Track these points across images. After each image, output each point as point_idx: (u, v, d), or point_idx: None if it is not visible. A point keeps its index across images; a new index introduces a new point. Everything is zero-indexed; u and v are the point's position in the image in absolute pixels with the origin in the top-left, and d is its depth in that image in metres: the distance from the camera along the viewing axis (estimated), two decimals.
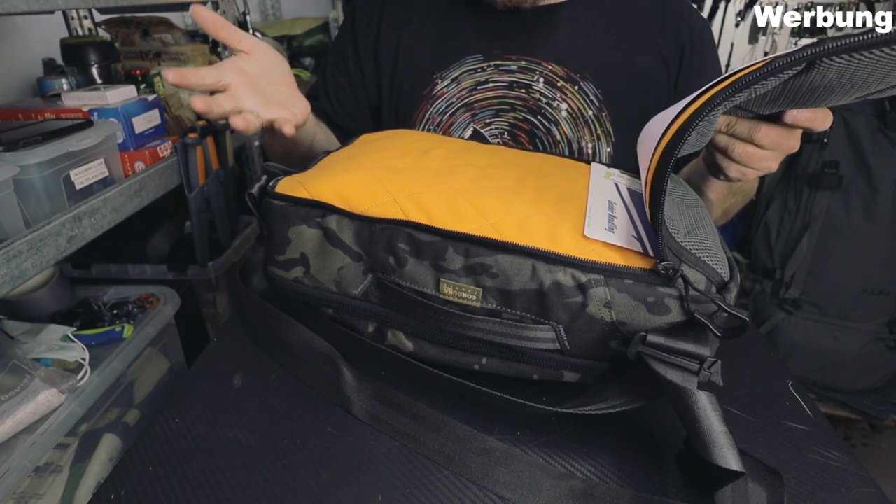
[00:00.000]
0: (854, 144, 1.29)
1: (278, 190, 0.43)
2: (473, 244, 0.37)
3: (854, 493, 0.35)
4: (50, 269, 0.80)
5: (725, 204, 0.61)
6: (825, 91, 0.32)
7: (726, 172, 0.46)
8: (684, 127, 0.32)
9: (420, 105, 0.66)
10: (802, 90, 0.33)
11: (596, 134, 0.63)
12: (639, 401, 0.36)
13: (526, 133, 0.64)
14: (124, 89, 0.78)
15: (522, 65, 0.63)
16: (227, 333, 0.51)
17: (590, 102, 0.63)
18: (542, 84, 0.63)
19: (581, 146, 0.64)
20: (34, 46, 1.07)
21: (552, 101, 0.63)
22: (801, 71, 0.30)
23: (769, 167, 0.43)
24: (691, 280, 0.34)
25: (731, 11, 1.84)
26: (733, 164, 0.44)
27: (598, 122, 0.63)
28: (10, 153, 0.58)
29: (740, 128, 0.41)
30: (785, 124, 0.39)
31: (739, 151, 0.43)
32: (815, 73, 0.30)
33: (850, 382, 1.39)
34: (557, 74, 0.63)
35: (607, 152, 0.64)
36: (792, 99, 0.35)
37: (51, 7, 0.60)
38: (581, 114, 0.63)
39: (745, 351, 0.48)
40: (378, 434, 0.39)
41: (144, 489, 0.35)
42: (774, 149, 0.42)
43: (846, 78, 0.30)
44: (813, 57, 0.28)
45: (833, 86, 0.31)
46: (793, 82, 0.32)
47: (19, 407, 0.59)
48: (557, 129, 0.63)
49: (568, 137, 0.63)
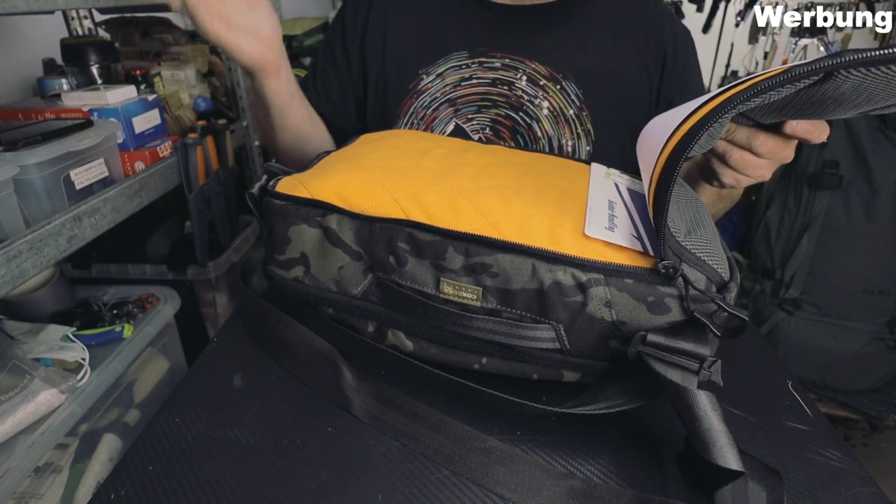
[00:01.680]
0: (854, 144, 1.29)
1: (278, 189, 0.43)
2: (473, 243, 0.37)
3: (854, 492, 0.35)
4: (50, 269, 0.80)
5: (713, 209, 0.62)
6: (833, 103, 0.32)
7: (721, 178, 0.46)
8: (697, 127, 0.32)
9: (405, 99, 0.67)
10: (812, 101, 0.33)
11: (576, 132, 0.64)
12: (639, 400, 0.36)
13: (508, 129, 0.65)
14: (124, 89, 0.78)
15: (506, 63, 0.65)
16: (227, 333, 0.51)
17: (571, 102, 0.64)
18: (525, 82, 0.64)
19: (561, 143, 0.65)
20: (34, 46, 1.07)
21: (534, 98, 0.64)
22: (817, 81, 0.30)
23: (762, 175, 0.44)
24: (691, 279, 0.34)
25: (731, 11, 1.84)
26: (728, 170, 0.45)
27: (578, 121, 0.64)
28: (10, 153, 0.58)
29: (739, 135, 0.42)
30: (784, 134, 0.39)
31: (736, 158, 0.43)
32: (829, 84, 0.30)
33: (850, 382, 1.39)
34: (540, 73, 0.64)
35: (587, 150, 0.65)
36: (799, 109, 0.35)
37: (51, 7, 0.60)
38: (562, 112, 0.64)
39: (745, 351, 0.48)
40: (378, 434, 0.39)
41: (144, 489, 0.35)
42: (770, 158, 0.42)
43: (858, 92, 0.30)
44: (832, 68, 0.28)
45: (843, 99, 0.31)
46: (805, 92, 0.31)
47: (19, 407, 0.59)
48: (538, 125, 0.64)
49: (549, 134, 0.65)
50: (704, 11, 1.84)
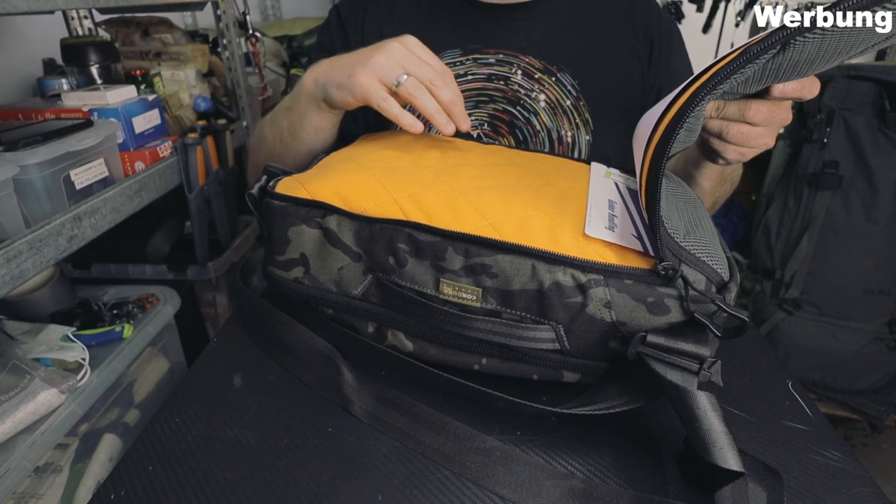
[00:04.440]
0: (854, 144, 1.29)
1: (278, 190, 0.43)
2: (473, 244, 0.37)
3: (854, 492, 0.35)
4: (50, 269, 0.80)
5: (717, 192, 0.62)
6: (806, 64, 0.33)
7: (724, 156, 0.46)
8: (672, 125, 0.33)
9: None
10: (783, 67, 0.33)
11: (575, 123, 0.65)
12: (639, 401, 0.36)
13: (506, 124, 0.65)
14: (124, 89, 0.78)
15: (500, 58, 0.65)
16: (227, 333, 0.51)
17: (567, 93, 0.65)
18: (521, 76, 0.65)
19: (560, 135, 0.65)
20: (34, 46, 1.07)
21: (530, 92, 0.64)
22: (777, 52, 0.30)
23: (766, 143, 0.44)
24: (691, 280, 0.34)
25: (731, 11, 1.84)
26: (730, 146, 0.45)
27: (576, 112, 0.65)
28: (10, 153, 0.58)
29: (730, 110, 0.42)
30: (773, 98, 0.39)
31: (734, 132, 0.43)
32: (791, 51, 0.30)
33: (850, 382, 1.39)
34: (535, 66, 0.65)
35: (586, 140, 0.66)
36: (775, 76, 0.35)
37: (51, 7, 0.60)
38: (559, 104, 0.65)
39: (745, 351, 0.48)
40: (378, 434, 0.39)
41: (144, 489, 0.35)
42: (768, 124, 0.42)
43: (823, 50, 0.31)
44: (785, 39, 0.28)
45: (812, 59, 0.32)
46: (771, 63, 0.32)
47: (19, 407, 0.59)
48: (537, 118, 0.65)
49: (547, 127, 0.65)
50: (704, 11, 1.84)
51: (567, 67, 0.65)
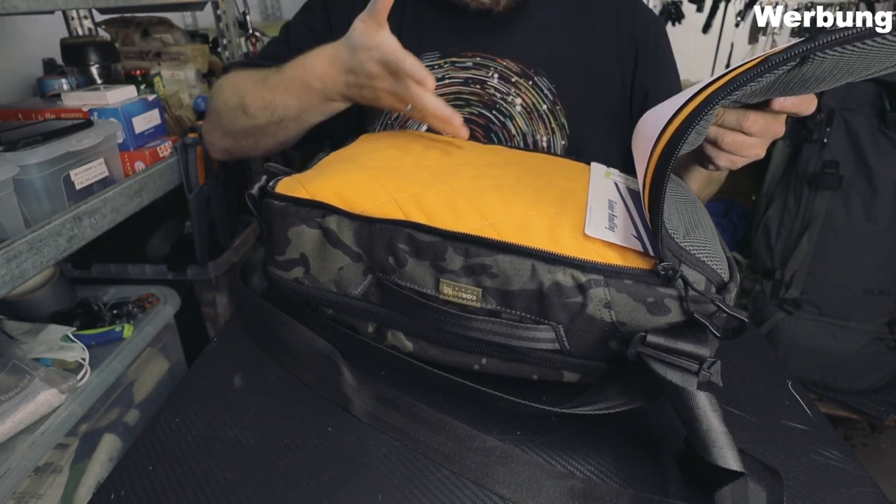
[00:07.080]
0: (854, 144, 1.29)
1: (278, 190, 0.43)
2: (473, 244, 0.37)
3: (854, 492, 0.35)
4: (50, 269, 0.80)
5: (703, 194, 0.62)
6: (815, 80, 0.33)
7: (715, 162, 0.47)
8: (684, 126, 0.33)
9: None
10: (794, 81, 0.33)
11: (550, 127, 0.65)
12: (639, 401, 0.36)
13: (481, 127, 0.65)
14: (124, 89, 0.78)
15: (477, 61, 0.65)
16: (227, 333, 0.51)
17: (544, 97, 0.64)
18: (497, 80, 0.64)
19: (536, 139, 0.65)
20: (34, 46, 1.07)
21: (507, 96, 0.64)
22: (795, 65, 0.30)
23: (757, 154, 0.44)
24: (691, 280, 0.34)
25: (731, 11, 1.84)
26: (723, 153, 0.45)
27: (552, 116, 0.64)
28: (10, 153, 0.58)
29: (728, 118, 0.42)
30: (772, 111, 0.40)
31: (729, 141, 0.43)
32: (808, 66, 0.30)
33: (850, 382, 1.39)
34: (511, 70, 0.64)
35: (562, 145, 0.65)
36: (783, 90, 0.36)
37: (51, 7, 0.60)
38: (535, 108, 0.64)
39: (745, 351, 0.48)
40: (378, 434, 0.39)
41: (144, 489, 0.35)
42: (762, 135, 0.43)
43: (838, 68, 0.31)
44: (807, 52, 0.28)
45: (825, 76, 0.32)
46: (786, 75, 0.32)
47: (19, 407, 0.59)
48: (512, 123, 0.64)
49: (523, 131, 0.65)
50: (704, 11, 1.84)
51: (545, 71, 0.64)
